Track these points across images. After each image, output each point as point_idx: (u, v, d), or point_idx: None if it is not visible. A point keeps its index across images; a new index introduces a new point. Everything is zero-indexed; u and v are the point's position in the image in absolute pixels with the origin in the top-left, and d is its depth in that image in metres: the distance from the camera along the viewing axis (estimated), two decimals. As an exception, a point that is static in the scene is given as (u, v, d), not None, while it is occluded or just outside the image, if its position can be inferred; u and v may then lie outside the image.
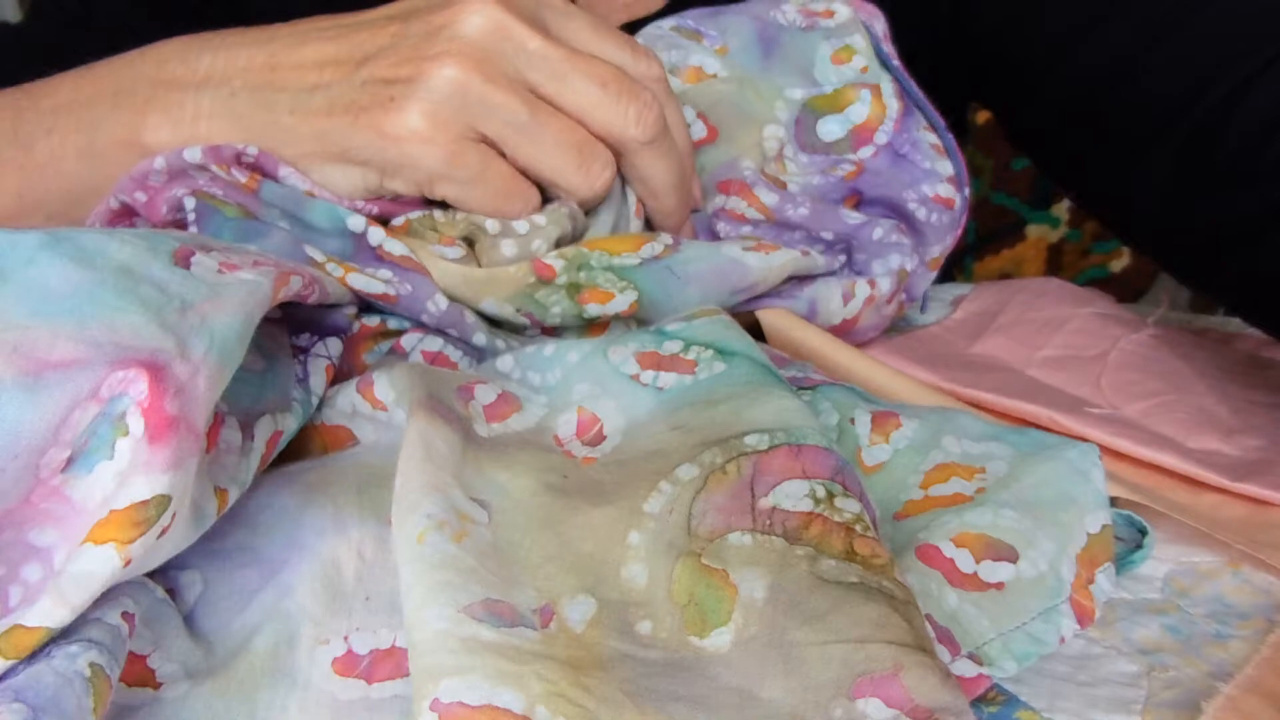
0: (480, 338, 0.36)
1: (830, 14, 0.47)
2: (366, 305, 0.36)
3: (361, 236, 0.36)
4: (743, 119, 0.45)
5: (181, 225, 0.35)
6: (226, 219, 0.34)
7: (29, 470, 0.21)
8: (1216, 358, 0.45)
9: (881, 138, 0.44)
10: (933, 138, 0.45)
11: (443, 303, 0.35)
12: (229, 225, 0.34)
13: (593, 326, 0.39)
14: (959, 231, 0.45)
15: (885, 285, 0.42)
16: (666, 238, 0.38)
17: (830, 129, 0.45)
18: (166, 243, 0.26)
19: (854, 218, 0.43)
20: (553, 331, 0.38)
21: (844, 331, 0.42)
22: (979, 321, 0.50)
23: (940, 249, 0.45)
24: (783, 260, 0.39)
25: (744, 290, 0.39)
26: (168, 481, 0.21)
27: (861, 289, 0.41)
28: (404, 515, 0.23)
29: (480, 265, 0.37)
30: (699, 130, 0.45)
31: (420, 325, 0.36)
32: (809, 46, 0.46)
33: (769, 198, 0.43)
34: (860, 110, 0.45)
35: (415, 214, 0.37)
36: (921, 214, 0.44)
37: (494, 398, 0.30)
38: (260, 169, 0.36)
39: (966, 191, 0.45)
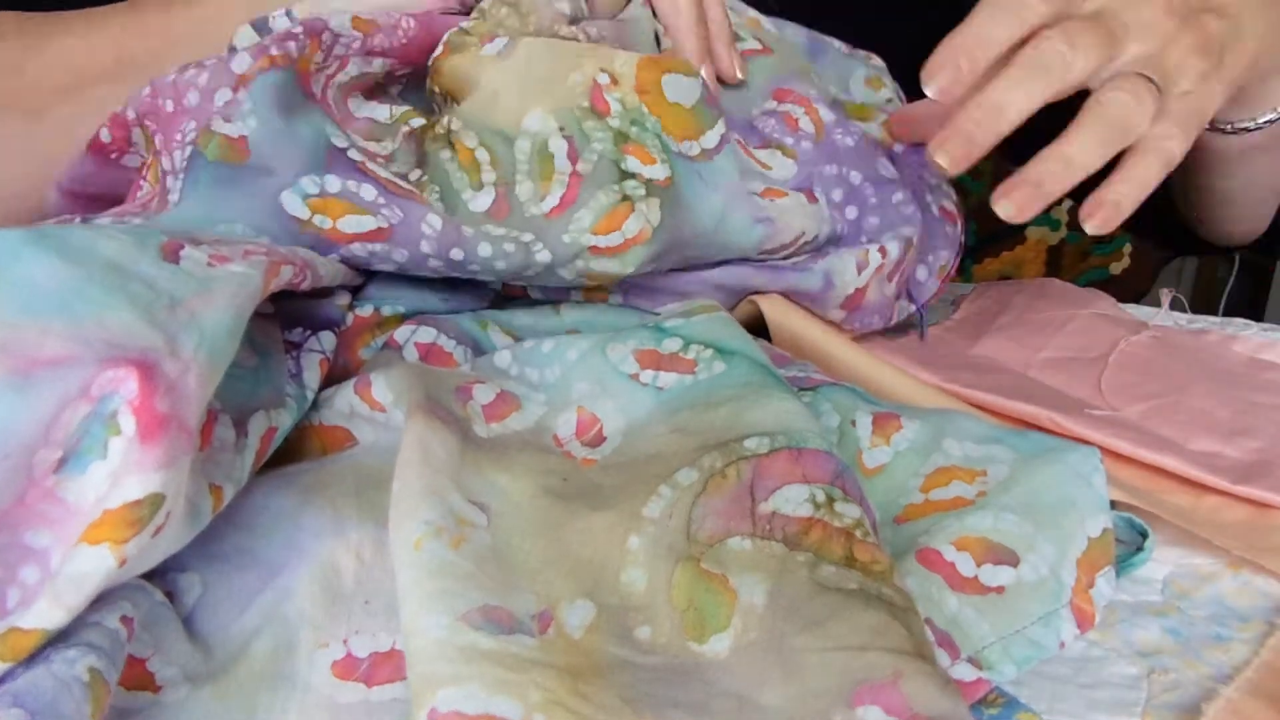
0: (484, 248, 0.35)
1: (869, 55, 0.50)
2: (358, 289, 0.36)
3: (341, 152, 0.35)
4: (795, 56, 0.47)
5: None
6: (206, 163, 0.33)
7: (21, 471, 0.21)
8: (1217, 359, 0.45)
9: (898, 148, 0.46)
10: None
11: (436, 223, 0.34)
12: (207, 169, 0.33)
13: (590, 290, 0.39)
14: (957, 257, 0.46)
15: (894, 250, 0.42)
16: (711, 139, 0.38)
17: None
18: (154, 237, 0.26)
19: (888, 170, 0.43)
20: (565, 210, 0.36)
21: (854, 306, 0.42)
22: (979, 322, 0.50)
23: (946, 255, 0.45)
24: (792, 203, 0.40)
25: (764, 221, 0.39)
26: (160, 480, 0.21)
27: (874, 256, 0.41)
28: (401, 521, 0.23)
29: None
30: (752, 43, 0.46)
31: (414, 318, 0.36)
32: (848, 66, 0.49)
33: (827, 114, 0.44)
34: (881, 130, 0.47)
35: (450, 32, 0.37)
36: (934, 209, 0.45)
37: (492, 397, 0.30)
38: (312, 31, 0.36)
39: (960, 226, 0.46)
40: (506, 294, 0.40)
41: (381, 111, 0.38)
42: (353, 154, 0.35)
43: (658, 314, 0.39)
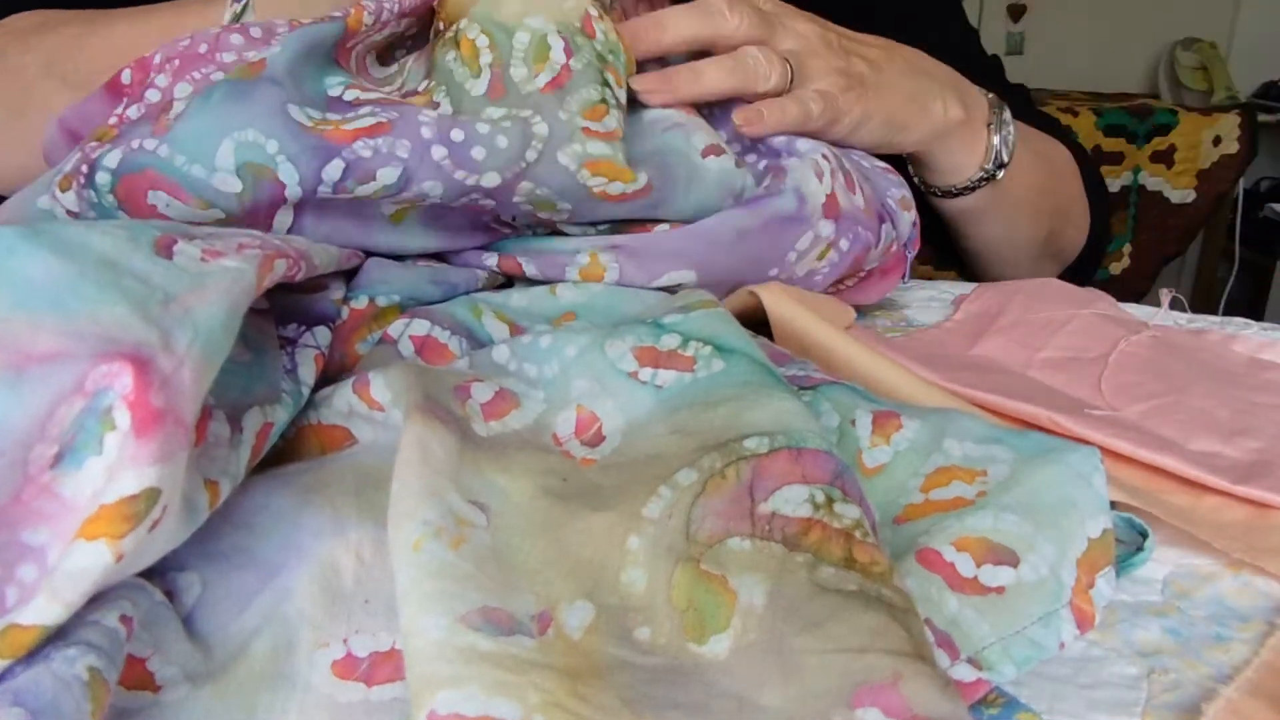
0: (483, 126, 0.37)
1: None
2: (350, 277, 0.36)
3: (337, 98, 0.37)
4: None
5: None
6: (224, 82, 0.35)
7: (17, 468, 0.21)
8: (1216, 359, 0.45)
9: None
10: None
11: (433, 113, 0.36)
12: (223, 87, 0.35)
13: (587, 270, 0.40)
14: (914, 244, 0.50)
15: (831, 156, 0.44)
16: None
17: None
18: (148, 232, 0.26)
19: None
20: (559, 82, 0.39)
21: (836, 214, 0.43)
22: (979, 322, 0.50)
23: (901, 193, 0.49)
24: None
25: (677, 126, 0.42)
26: (156, 475, 0.21)
27: (822, 163, 0.44)
28: (400, 522, 0.23)
29: None
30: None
31: (407, 310, 0.36)
32: None
33: None
34: None
35: None
36: (863, 162, 0.49)
37: (491, 395, 0.30)
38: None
39: (897, 175, 0.50)
40: (504, 270, 0.41)
41: (392, 68, 0.43)
42: (347, 95, 0.37)
43: (656, 289, 0.40)
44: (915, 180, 0.60)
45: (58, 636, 0.21)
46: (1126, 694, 0.26)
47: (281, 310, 0.33)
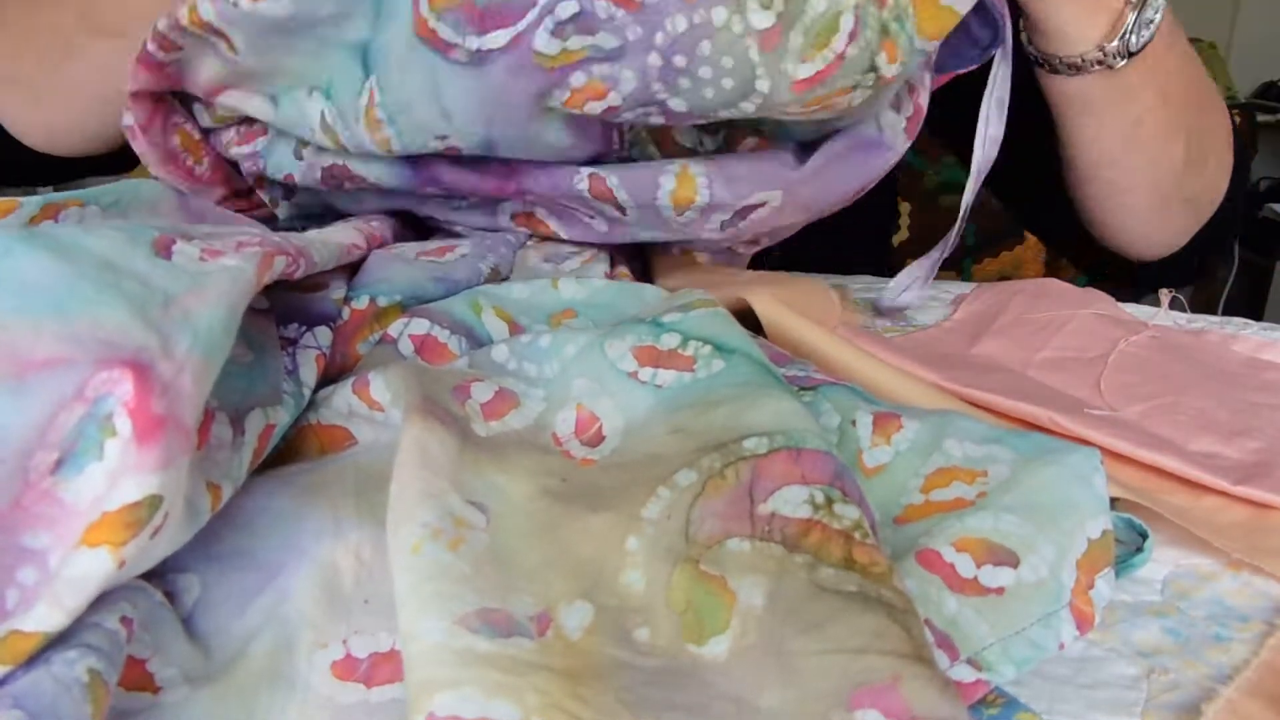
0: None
1: None
2: (353, 273, 0.36)
3: None
4: None
5: None
6: None
7: (17, 473, 0.21)
8: (1216, 359, 0.45)
9: None
10: None
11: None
12: None
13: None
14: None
15: None
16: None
17: None
18: (146, 233, 0.26)
19: None
20: None
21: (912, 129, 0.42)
22: (979, 322, 0.49)
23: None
24: None
25: None
26: (158, 481, 0.21)
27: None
28: (399, 524, 0.23)
29: None
30: None
31: (407, 310, 0.36)
32: None
33: None
34: None
35: None
36: None
37: (490, 395, 0.30)
38: None
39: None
40: (593, 192, 0.41)
41: None
42: None
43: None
44: (1027, 48, 0.49)
45: (58, 639, 0.21)
46: (1126, 694, 0.26)
47: (282, 310, 0.33)
